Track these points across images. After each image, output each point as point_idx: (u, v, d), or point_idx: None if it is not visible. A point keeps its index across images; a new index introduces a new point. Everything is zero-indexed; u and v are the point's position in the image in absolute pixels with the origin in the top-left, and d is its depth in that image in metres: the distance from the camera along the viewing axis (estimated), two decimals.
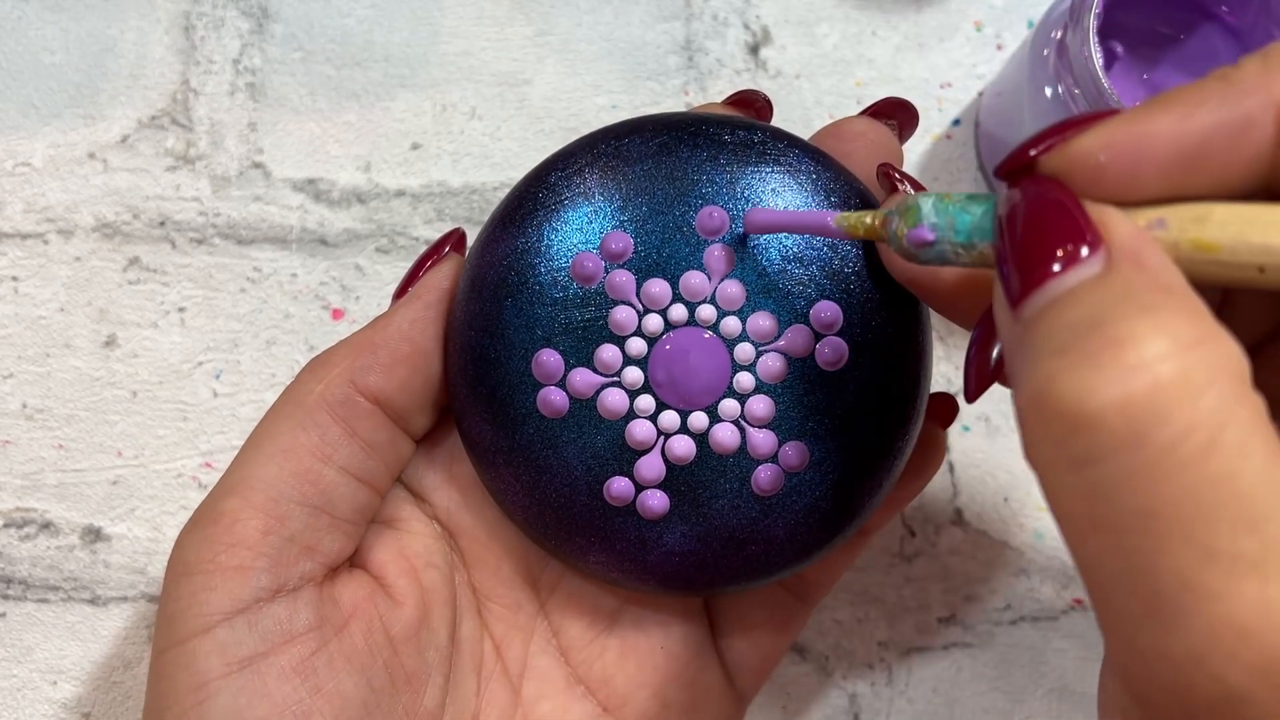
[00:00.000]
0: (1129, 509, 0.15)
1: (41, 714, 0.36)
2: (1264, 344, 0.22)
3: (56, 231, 0.38)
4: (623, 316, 0.25)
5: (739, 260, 0.25)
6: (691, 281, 0.25)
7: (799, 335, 0.25)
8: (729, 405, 0.25)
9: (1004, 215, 0.19)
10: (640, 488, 0.26)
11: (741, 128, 0.26)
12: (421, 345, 0.27)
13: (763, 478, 0.26)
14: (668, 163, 0.26)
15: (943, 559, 0.37)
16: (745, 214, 0.25)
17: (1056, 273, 0.17)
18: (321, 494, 0.25)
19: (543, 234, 0.26)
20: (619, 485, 0.26)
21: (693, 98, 0.39)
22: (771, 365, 0.25)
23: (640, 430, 0.25)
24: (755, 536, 0.26)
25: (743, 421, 0.26)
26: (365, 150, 0.39)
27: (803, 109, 0.39)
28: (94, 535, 0.36)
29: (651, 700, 0.28)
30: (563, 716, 0.28)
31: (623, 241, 0.25)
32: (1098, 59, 0.31)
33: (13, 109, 0.39)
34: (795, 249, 0.25)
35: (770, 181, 0.26)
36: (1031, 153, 0.19)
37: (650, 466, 0.26)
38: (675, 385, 0.25)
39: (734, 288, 0.25)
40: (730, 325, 0.25)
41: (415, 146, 0.39)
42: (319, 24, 0.40)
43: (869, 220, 0.23)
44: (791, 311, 0.25)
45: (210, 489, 0.26)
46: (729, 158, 0.26)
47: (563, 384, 0.26)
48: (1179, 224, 0.18)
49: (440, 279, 0.27)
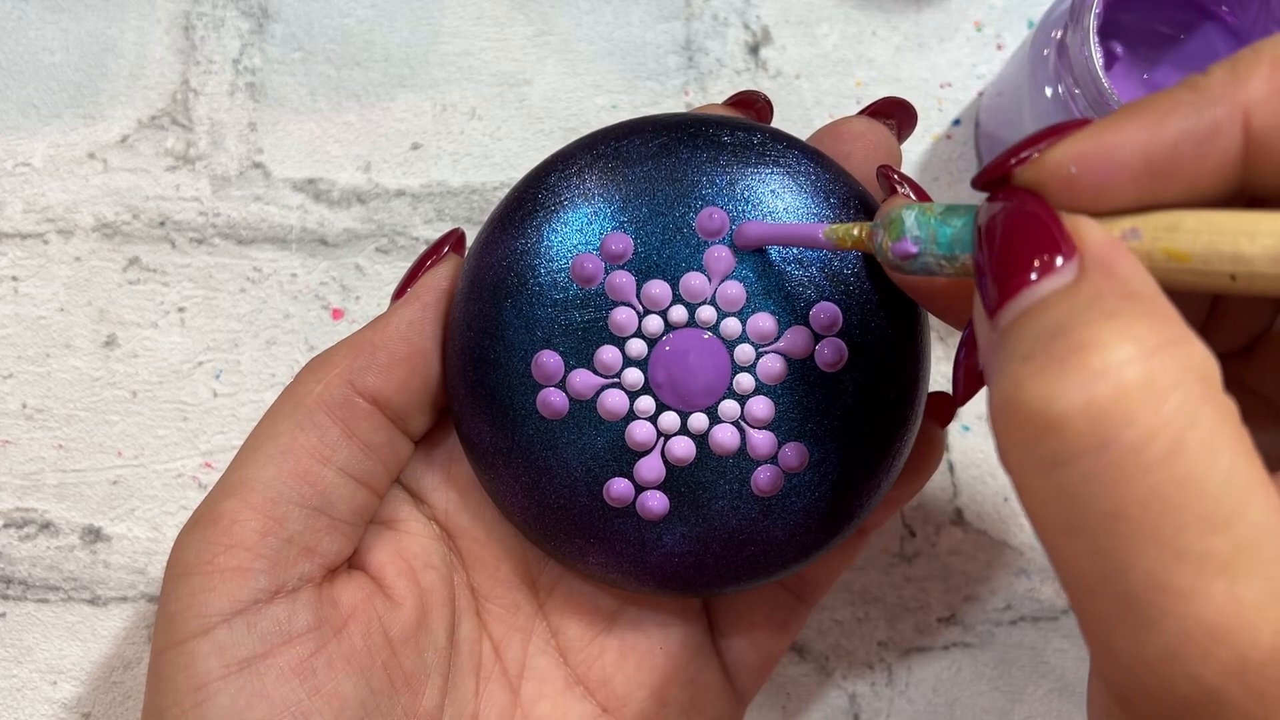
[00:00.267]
0: (1098, 511, 0.15)
1: (41, 714, 0.36)
2: (1258, 341, 0.22)
3: (56, 231, 0.38)
4: (623, 318, 0.25)
5: (739, 261, 0.25)
6: (691, 283, 0.25)
7: (799, 336, 0.25)
8: (729, 406, 0.25)
9: (982, 227, 0.19)
10: (640, 489, 0.26)
11: (741, 129, 0.26)
12: (420, 346, 0.27)
13: (762, 478, 0.25)
14: (667, 164, 0.26)
15: (943, 559, 0.37)
16: (735, 229, 0.25)
17: (1031, 281, 0.17)
18: (320, 495, 0.25)
19: (542, 235, 0.26)
20: (619, 486, 0.26)
21: (693, 98, 0.39)
22: (771, 366, 0.25)
23: (640, 431, 0.25)
24: (755, 537, 0.26)
25: (742, 422, 0.26)
26: (365, 150, 0.39)
27: (803, 109, 0.39)
28: (94, 535, 0.36)
29: (650, 700, 0.28)
30: (562, 717, 0.28)
31: (622, 242, 0.25)
32: (1098, 59, 0.31)
33: (13, 109, 0.39)
34: (795, 250, 0.25)
35: (770, 183, 0.26)
36: (1011, 162, 0.19)
37: (650, 468, 0.26)
38: (675, 386, 0.25)
39: (734, 289, 0.25)
40: (730, 326, 0.25)
41: (415, 146, 0.39)
42: (319, 24, 0.40)
43: (856, 232, 0.23)
44: (791, 313, 0.25)
45: (210, 489, 0.26)
46: (728, 159, 0.26)
47: (562, 385, 0.26)
48: (1152, 233, 0.18)
49: (439, 280, 0.27)
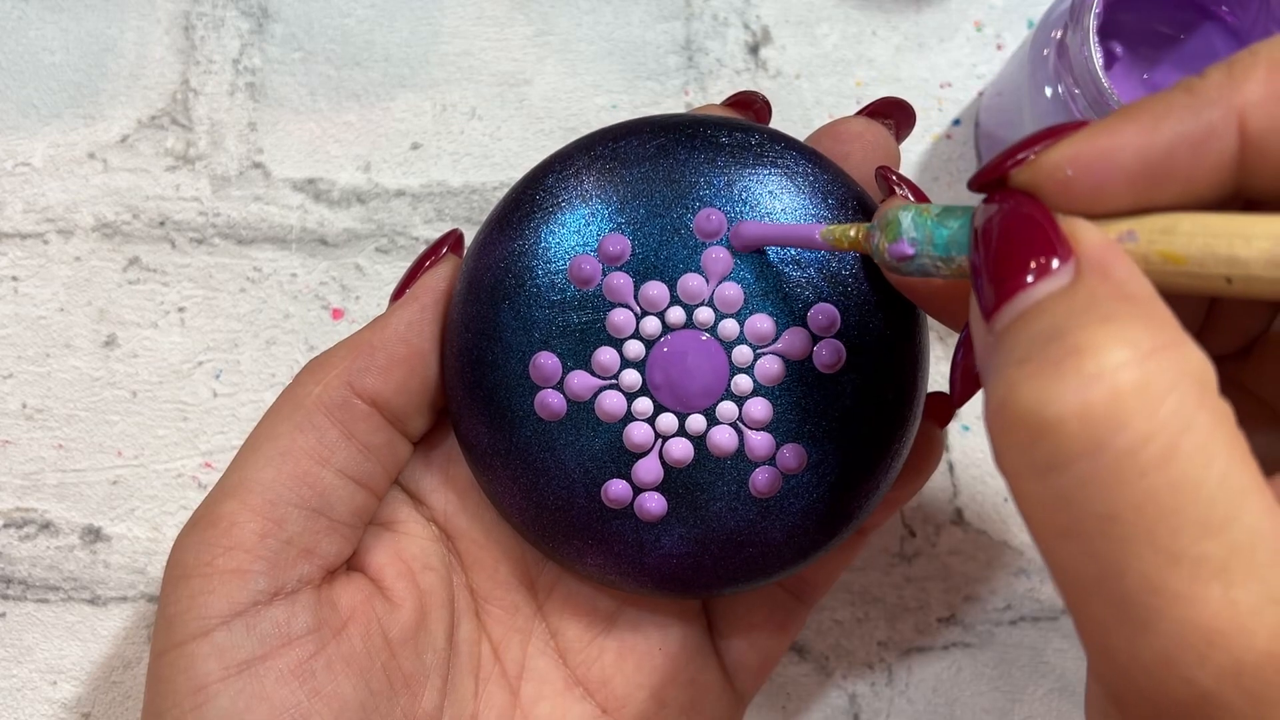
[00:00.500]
0: (1093, 514, 0.15)
1: (41, 714, 0.36)
2: (1254, 345, 0.22)
3: (56, 231, 0.38)
4: (620, 319, 0.25)
5: (737, 263, 0.25)
6: (689, 284, 0.25)
7: (797, 337, 0.25)
8: (727, 408, 0.25)
9: (978, 229, 0.19)
10: (638, 490, 0.26)
11: (739, 130, 0.26)
12: (418, 347, 0.27)
13: (760, 480, 0.25)
14: (665, 165, 0.26)
15: (943, 559, 0.37)
16: (732, 229, 0.25)
17: (1028, 284, 0.17)
18: (319, 497, 0.25)
19: (540, 236, 0.26)
20: (617, 488, 0.26)
21: (693, 98, 0.39)
22: (769, 367, 0.25)
23: (638, 433, 0.25)
24: (753, 539, 0.26)
25: (740, 424, 0.25)
26: (365, 150, 0.39)
27: (803, 109, 0.39)
28: (94, 535, 0.36)
29: (650, 701, 0.28)
30: (562, 718, 0.28)
31: (620, 244, 0.25)
32: (1098, 59, 0.31)
33: (13, 109, 0.39)
34: (793, 251, 0.25)
35: (768, 183, 0.26)
36: (1007, 164, 0.19)
37: (648, 469, 0.26)
38: (673, 388, 0.25)
39: (732, 290, 0.25)
40: (728, 328, 0.25)
41: (415, 146, 0.39)
42: (319, 24, 0.39)
43: (853, 233, 0.23)
44: (789, 314, 0.25)
45: (210, 489, 0.26)
46: (726, 160, 0.26)
47: (560, 386, 0.26)
48: (1148, 235, 0.18)
49: (437, 281, 0.27)
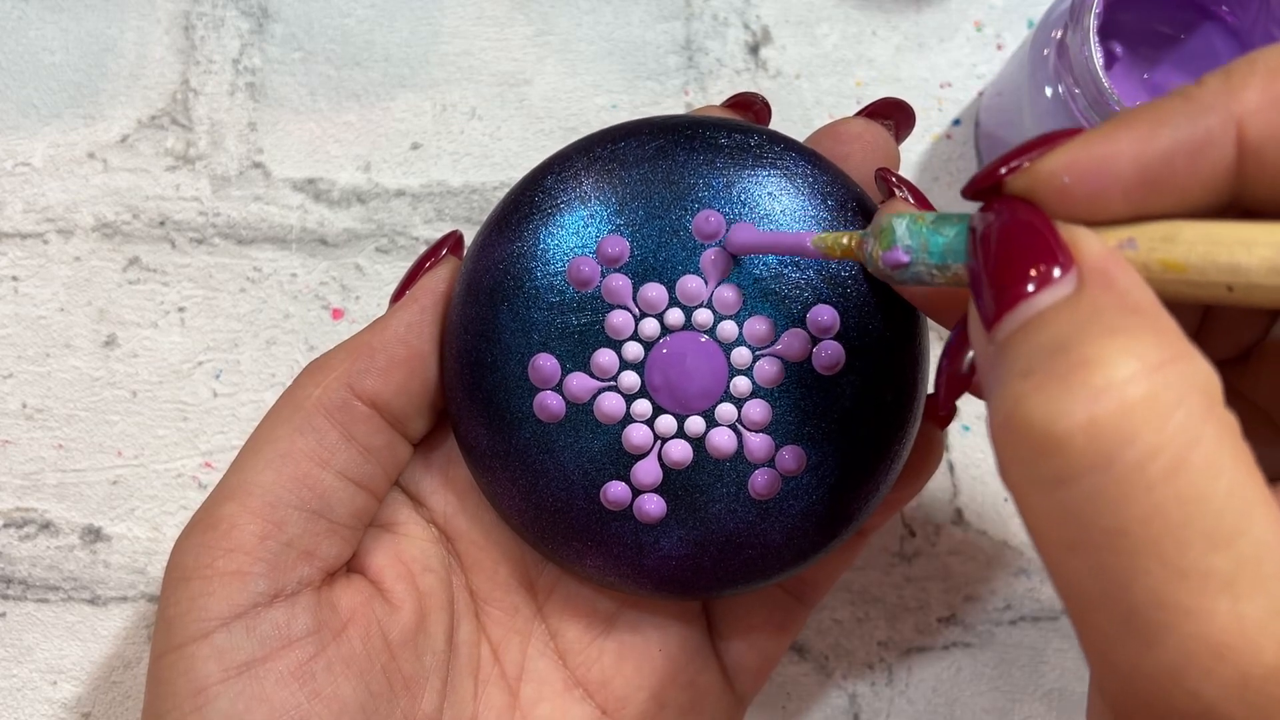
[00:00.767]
0: (1100, 529, 0.15)
1: (41, 714, 0.36)
2: (1252, 351, 0.22)
3: (56, 231, 0.38)
4: (619, 321, 0.25)
5: (736, 264, 0.25)
6: (688, 285, 0.25)
7: (796, 339, 0.25)
8: (726, 409, 0.25)
9: (977, 236, 0.19)
10: (637, 492, 0.26)
11: (738, 131, 0.26)
12: (418, 349, 0.27)
13: (759, 482, 0.25)
14: (664, 166, 0.26)
15: (943, 559, 0.37)
16: (728, 234, 0.25)
17: (1029, 294, 0.17)
18: (319, 499, 0.25)
19: (538, 238, 0.26)
20: (616, 490, 0.26)
21: (693, 98, 0.39)
22: (768, 369, 0.25)
23: (637, 435, 0.25)
24: (752, 541, 0.26)
25: (739, 426, 0.25)
26: (365, 150, 0.39)
27: (803, 109, 0.39)
28: (94, 535, 0.37)
29: (650, 702, 0.28)
30: (561, 719, 0.28)
31: (619, 245, 0.25)
32: (1098, 59, 0.31)
33: (13, 109, 0.39)
34: None
35: (767, 185, 0.25)
36: (1002, 170, 0.19)
37: (647, 471, 0.26)
38: (672, 389, 0.25)
39: (730, 292, 0.25)
40: (727, 329, 0.25)
41: (415, 146, 0.39)
42: (319, 24, 0.39)
43: (845, 241, 0.23)
44: (788, 315, 0.25)
45: (210, 489, 0.26)
46: (725, 161, 0.26)
47: (559, 388, 0.26)
48: (1148, 244, 0.18)
49: (437, 282, 0.27)
